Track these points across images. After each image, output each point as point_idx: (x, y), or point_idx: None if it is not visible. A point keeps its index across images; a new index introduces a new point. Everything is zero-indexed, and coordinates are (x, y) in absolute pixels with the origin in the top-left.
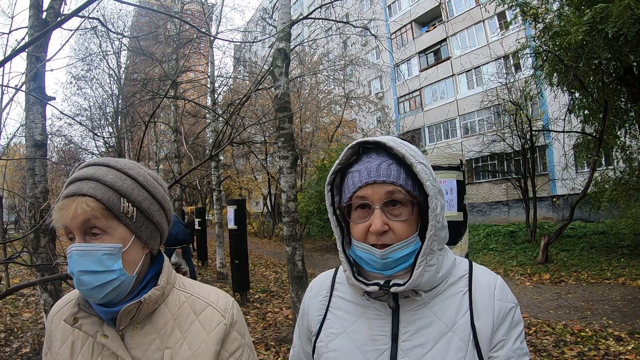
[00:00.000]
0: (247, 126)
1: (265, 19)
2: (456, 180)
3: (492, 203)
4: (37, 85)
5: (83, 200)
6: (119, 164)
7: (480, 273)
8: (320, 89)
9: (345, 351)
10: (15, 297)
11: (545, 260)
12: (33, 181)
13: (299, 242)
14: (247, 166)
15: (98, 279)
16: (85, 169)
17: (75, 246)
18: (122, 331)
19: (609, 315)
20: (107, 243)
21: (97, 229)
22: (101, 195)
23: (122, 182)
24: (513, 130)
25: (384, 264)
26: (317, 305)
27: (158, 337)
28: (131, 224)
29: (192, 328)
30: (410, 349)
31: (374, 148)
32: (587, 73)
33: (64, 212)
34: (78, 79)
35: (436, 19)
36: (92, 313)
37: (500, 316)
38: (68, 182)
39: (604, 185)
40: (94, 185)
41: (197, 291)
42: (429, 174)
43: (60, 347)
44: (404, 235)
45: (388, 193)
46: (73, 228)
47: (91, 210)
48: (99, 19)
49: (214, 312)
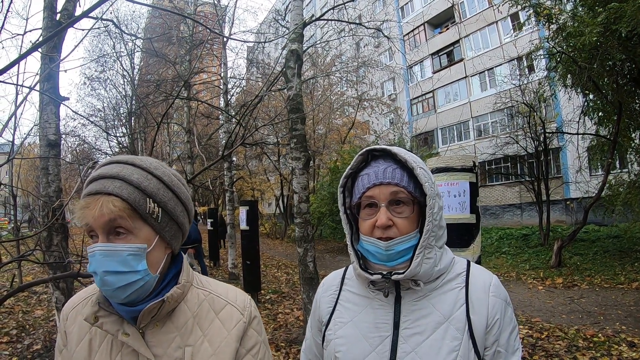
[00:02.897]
0: (259, 127)
1: (278, 21)
2: (469, 182)
3: (505, 206)
4: (51, 86)
5: (109, 200)
6: (144, 163)
7: (477, 271)
8: (332, 90)
9: (351, 337)
10: (28, 295)
11: (558, 264)
12: (47, 180)
13: (311, 244)
14: (259, 167)
15: (122, 280)
16: (109, 166)
17: (99, 246)
18: (142, 329)
19: (622, 321)
20: (132, 243)
21: (122, 229)
22: (127, 195)
23: (148, 182)
24: (526, 132)
25: (388, 255)
26: (327, 298)
27: (178, 334)
28: (156, 225)
29: (212, 326)
30: (410, 336)
31: (381, 155)
32: (601, 74)
33: (88, 211)
34: (92, 80)
35: (449, 21)
36: (112, 312)
37: (494, 311)
38: (90, 179)
39: (618, 188)
40: (120, 185)
41: (215, 289)
42: (427, 177)
43: (77, 346)
44: (405, 230)
45: (392, 193)
46: (97, 227)
47: (117, 210)
48: (113, 21)
49: (233, 310)
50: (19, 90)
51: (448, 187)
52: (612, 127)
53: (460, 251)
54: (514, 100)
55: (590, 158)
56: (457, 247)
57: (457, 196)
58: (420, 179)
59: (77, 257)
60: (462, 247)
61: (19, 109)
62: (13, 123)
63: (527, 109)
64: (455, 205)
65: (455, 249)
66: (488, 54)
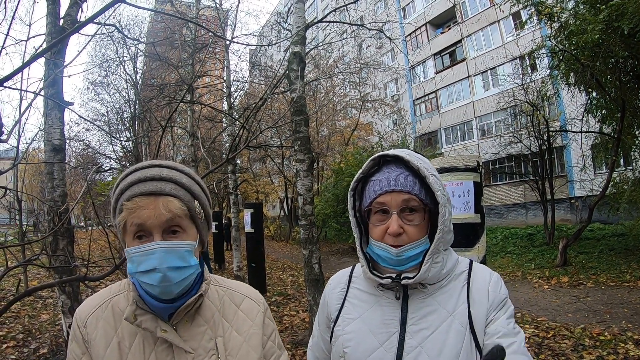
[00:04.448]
0: (263, 129)
1: (280, 23)
2: (473, 181)
3: (510, 205)
4: (55, 91)
5: (167, 200)
6: (185, 169)
7: (478, 269)
8: (335, 92)
9: (359, 333)
10: (34, 299)
11: (564, 263)
12: (52, 185)
13: (316, 245)
14: (263, 170)
15: (183, 274)
16: (155, 169)
17: (160, 243)
18: (175, 325)
19: (628, 319)
20: (187, 240)
21: (178, 228)
22: (183, 196)
23: (195, 186)
24: (530, 131)
25: (398, 260)
26: (336, 295)
27: (208, 327)
28: (199, 224)
29: (236, 317)
30: (417, 332)
31: (392, 160)
32: (604, 72)
33: (144, 211)
34: (95, 85)
35: (451, 21)
36: (148, 310)
37: (493, 305)
38: (135, 180)
39: (622, 186)
40: (175, 187)
41: (230, 285)
42: (439, 185)
43: (105, 350)
44: (415, 237)
45: (404, 201)
46: (154, 226)
47: (178, 210)
48: (116, 26)
49: (252, 303)
50: (23, 95)
51: (452, 187)
52: (615, 125)
53: (465, 251)
54: (517, 100)
55: (594, 156)
56: (462, 247)
57: (462, 196)
58: (432, 187)
59: (82, 261)
60: (467, 247)
61: (24, 115)
62: (18, 129)
63: (531, 107)
64: (459, 205)
65: (460, 249)
66: (490, 54)
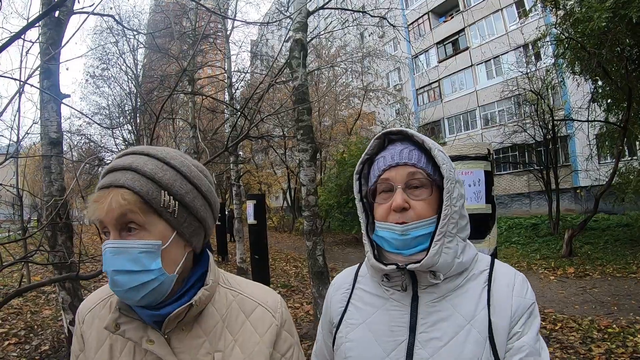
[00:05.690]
0: (264, 117)
1: (281, 11)
2: (484, 170)
3: (514, 195)
4: (52, 83)
5: (119, 193)
6: (160, 153)
7: (500, 269)
8: (338, 81)
9: (363, 341)
10: (36, 295)
11: (569, 254)
12: (49, 179)
13: (320, 237)
14: (266, 161)
15: (134, 280)
16: (122, 158)
17: (109, 243)
18: (168, 334)
19: (635, 311)
20: (145, 240)
21: (134, 224)
22: (139, 187)
23: (163, 173)
24: (534, 120)
25: (404, 240)
26: (339, 297)
27: (207, 339)
28: (172, 220)
29: (243, 330)
30: (428, 341)
31: (397, 138)
32: (610, 60)
33: (98, 205)
34: (95, 77)
35: (453, 9)
36: (134, 317)
37: (517, 312)
38: (104, 172)
39: (628, 176)
40: (132, 176)
41: (244, 289)
42: (446, 160)
43: (96, 352)
44: (423, 214)
45: (409, 174)
46: (108, 223)
47: (127, 204)
48: (114, 16)
49: (264, 313)
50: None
51: (462, 176)
52: (621, 114)
53: (476, 243)
54: (521, 88)
55: (599, 146)
56: (473, 238)
57: (472, 185)
58: (438, 160)
59: (79, 256)
60: (478, 239)
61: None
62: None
63: (535, 96)
64: (470, 195)
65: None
66: (494, 42)
